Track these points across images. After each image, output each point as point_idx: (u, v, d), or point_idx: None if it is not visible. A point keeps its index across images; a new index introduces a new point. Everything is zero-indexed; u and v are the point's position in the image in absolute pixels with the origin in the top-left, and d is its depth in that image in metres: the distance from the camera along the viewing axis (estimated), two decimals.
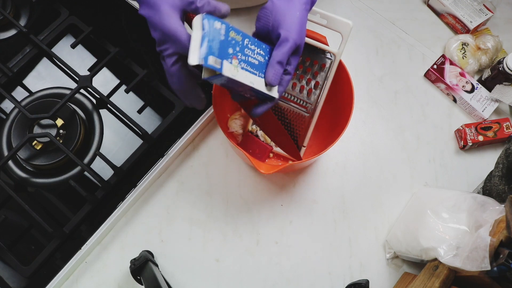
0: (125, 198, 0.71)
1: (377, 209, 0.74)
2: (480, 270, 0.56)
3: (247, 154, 0.63)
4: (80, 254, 0.68)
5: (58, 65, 0.80)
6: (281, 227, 0.73)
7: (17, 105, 0.72)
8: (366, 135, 0.79)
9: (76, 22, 0.82)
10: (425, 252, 0.63)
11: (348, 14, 0.86)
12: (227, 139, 0.66)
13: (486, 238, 0.57)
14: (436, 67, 0.81)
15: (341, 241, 0.72)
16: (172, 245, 0.71)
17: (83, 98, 0.77)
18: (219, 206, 0.73)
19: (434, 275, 0.61)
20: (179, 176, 0.75)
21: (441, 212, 0.64)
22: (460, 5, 0.85)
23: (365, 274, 0.70)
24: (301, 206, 0.74)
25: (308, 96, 0.69)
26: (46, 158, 0.72)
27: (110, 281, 0.69)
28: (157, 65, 0.79)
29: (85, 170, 0.70)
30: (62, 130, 0.73)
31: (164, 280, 0.63)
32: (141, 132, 0.73)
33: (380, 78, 0.83)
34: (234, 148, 0.70)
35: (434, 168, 0.77)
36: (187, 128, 0.74)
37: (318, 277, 0.70)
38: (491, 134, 0.76)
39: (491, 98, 0.79)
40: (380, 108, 0.80)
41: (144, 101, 0.78)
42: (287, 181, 0.75)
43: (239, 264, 0.71)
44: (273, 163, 0.75)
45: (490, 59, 0.83)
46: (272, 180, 0.75)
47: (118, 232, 0.72)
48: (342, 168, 0.76)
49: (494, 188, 0.66)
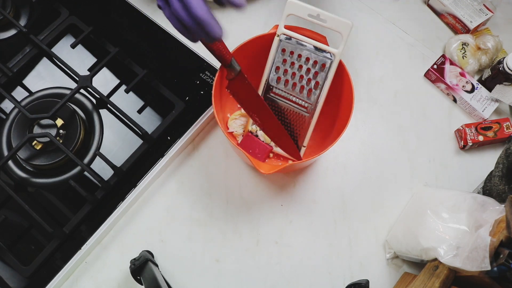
0: (125, 198, 0.71)
1: (377, 209, 0.74)
2: (480, 270, 0.56)
3: (247, 154, 0.63)
4: (80, 254, 0.68)
5: (58, 65, 0.80)
6: (281, 227, 0.73)
7: (17, 105, 0.72)
8: (366, 135, 0.79)
9: (76, 22, 0.82)
10: (425, 252, 0.63)
11: (348, 14, 0.86)
12: (227, 139, 0.66)
13: (486, 238, 0.57)
14: (436, 67, 0.81)
15: (341, 241, 0.72)
16: (172, 245, 0.71)
17: (83, 98, 0.77)
18: (219, 206, 0.73)
19: (434, 275, 0.61)
20: (179, 176, 0.75)
21: (441, 212, 0.64)
22: (460, 5, 0.85)
23: (365, 274, 0.70)
24: (301, 206, 0.74)
25: (308, 96, 0.69)
26: (46, 158, 0.72)
27: (110, 281, 0.69)
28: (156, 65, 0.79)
29: (85, 170, 0.70)
30: (62, 130, 0.73)
31: (164, 280, 0.63)
32: (141, 132, 0.73)
33: (380, 78, 0.83)
34: (234, 148, 0.70)
35: (434, 168, 0.77)
36: (187, 128, 0.75)
37: (318, 277, 0.70)
38: (491, 134, 0.76)
39: (491, 98, 0.79)
40: (380, 108, 0.80)
41: (144, 101, 0.78)
42: (287, 181, 0.75)
43: (239, 264, 0.71)
44: (273, 163, 0.75)
45: (490, 59, 0.83)
46: (272, 180, 0.75)
47: (118, 232, 0.72)
48: (342, 168, 0.76)
49: (494, 188, 0.66)
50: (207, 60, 0.79)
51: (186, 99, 0.77)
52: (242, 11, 0.51)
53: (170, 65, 0.80)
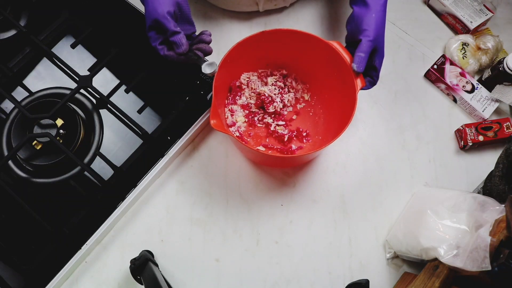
0: (125, 198, 0.71)
1: (377, 209, 0.74)
2: (481, 270, 0.56)
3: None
4: (80, 254, 0.68)
5: (58, 65, 0.80)
6: (281, 227, 0.73)
7: (17, 105, 0.72)
8: (366, 135, 0.78)
9: (76, 22, 0.82)
10: (425, 252, 0.63)
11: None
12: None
13: (486, 238, 0.57)
14: (436, 67, 0.81)
15: (341, 241, 0.72)
16: (172, 245, 0.71)
17: (83, 98, 0.77)
18: (219, 206, 0.73)
19: (434, 275, 0.61)
20: (179, 176, 0.75)
21: (441, 212, 0.64)
22: (461, 5, 0.85)
23: (365, 274, 0.70)
24: (301, 206, 0.74)
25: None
26: (46, 158, 0.72)
27: (110, 281, 0.69)
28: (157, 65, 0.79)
29: (85, 170, 0.70)
30: (62, 130, 0.73)
31: (164, 280, 0.63)
32: (141, 132, 0.73)
33: (380, 78, 0.82)
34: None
35: (434, 168, 0.77)
36: (187, 128, 0.74)
37: (318, 277, 0.70)
38: (492, 134, 0.76)
39: (492, 98, 0.79)
40: (380, 108, 0.80)
41: (144, 101, 0.78)
42: (287, 181, 0.75)
43: (239, 264, 0.71)
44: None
45: (491, 59, 0.83)
46: (272, 180, 0.75)
47: (118, 232, 0.72)
48: (342, 168, 0.76)
49: (494, 188, 0.66)
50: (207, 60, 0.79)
51: (186, 99, 0.77)
52: None
53: (170, 65, 0.80)
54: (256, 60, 0.75)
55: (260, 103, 0.76)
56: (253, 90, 0.76)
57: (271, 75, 0.77)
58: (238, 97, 0.76)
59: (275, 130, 0.75)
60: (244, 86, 0.76)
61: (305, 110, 0.78)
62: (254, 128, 0.76)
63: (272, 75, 0.77)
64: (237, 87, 0.76)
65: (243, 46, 0.69)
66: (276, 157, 0.73)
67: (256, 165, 0.76)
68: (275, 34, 0.70)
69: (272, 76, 0.77)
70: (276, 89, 0.76)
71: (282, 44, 0.72)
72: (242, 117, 0.76)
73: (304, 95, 0.78)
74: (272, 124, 0.75)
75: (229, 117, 0.75)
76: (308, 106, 0.78)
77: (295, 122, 0.77)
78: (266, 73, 0.77)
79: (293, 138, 0.75)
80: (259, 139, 0.76)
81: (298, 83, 0.78)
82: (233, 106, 0.76)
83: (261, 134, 0.76)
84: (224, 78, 0.71)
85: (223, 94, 0.75)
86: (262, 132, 0.76)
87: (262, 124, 0.76)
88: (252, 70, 0.76)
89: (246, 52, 0.70)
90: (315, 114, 0.77)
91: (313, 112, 0.77)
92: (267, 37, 0.70)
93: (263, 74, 0.77)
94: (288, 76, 0.78)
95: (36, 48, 0.80)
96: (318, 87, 0.77)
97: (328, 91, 0.75)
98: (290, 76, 0.78)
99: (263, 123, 0.76)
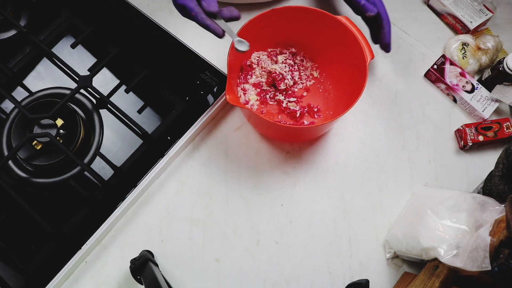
0: (125, 198, 0.71)
1: (377, 209, 0.74)
2: (481, 270, 0.56)
3: None
4: (80, 254, 0.68)
5: (58, 65, 0.80)
6: (281, 227, 0.73)
7: (17, 105, 0.72)
8: (366, 135, 0.79)
9: (76, 22, 0.82)
10: (425, 251, 0.63)
11: (348, 14, 0.86)
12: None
13: (486, 238, 0.57)
14: (436, 67, 0.81)
15: (341, 241, 0.72)
16: (172, 245, 0.71)
17: (83, 98, 0.77)
18: (219, 206, 0.73)
19: (434, 275, 0.61)
20: (179, 176, 0.75)
21: (441, 212, 0.64)
22: (461, 5, 0.85)
23: (365, 274, 0.70)
24: (301, 206, 0.74)
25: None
26: (46, 158, 0.72)
27: (110, 281, 0.69)
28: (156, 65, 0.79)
29: (85, 170, 0.70)
30: (62, 130, 0.73)
31: (164, 280, 0.63)
32: (141, 132, 0.73)
33: (380, 78, 0.83)
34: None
35: (434, 168, 0.77)
36: (187, 128, 0.75)
37: (318, 277, 0.70)
38: (492, 134, 0.76)
39: (492, 98, 0.79)
40: (380, 108, 0.80)
41: (144, 101, 0.78)
42: (287, 181, 0.75)
43: (239, 264, 0.71)
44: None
45: (491, 59, 0.83)
46: (272, 180, 0.75)
47: (118, 232, 0.72)
48: (342, 168, 0.76)
49: (494, 188, 0.66)
50: (207, 60, 0.79)
51: (186, 99, 0.77)
52: None
53: (170, 65, 0.80)
54: (266, 39, 0.77)
55: (271, 81, 0.77)
56: (264, 69, 0.77)
57: (280, 54, 0.79)
58: (250, 76, 0.78)
59: (287, 106, 0.77)
60: (254, 65, 0.78)
61: (315, 87, 0.80)
62: (266, 106, 0.78)
63: (282, 54, 0.79)
64: (248, 66, 0.78)
65: (254, 24, 0.70)
66: (295, 128, 0.73)
67: (256, 165, 0.76)
68: (284, 12, 0.72)
69: (282, 55, 0.79)
70: (286, 66, 0.77)
71: (291, 22, 0.74)
72: (255, 95, 0.77)
73: (313, 73, 0.80)
74: (284, 101, 0.77)
75: (241, 96, 0.77)
76: (317, 83, 0.80)
77: (305, 98, 0.79)
78: (275, 52, 0.79)
79: (304, 113, 0.77)
80: (272, 116, 0.77)
81: (307, 60, 0.80)
82: (245, 85, 0.77)
83: (273, 111, 0.78)
84: (236, 57, 0.72)
85: (235, 73, 0.76)
86: (274, 109, 0.78)
87: (273, 101, 0.78)
88: (262, 50, 0.78)
89: (256, 31, 0.72)
90: (325, 90, 0.79)
91: (323, 89, 0.79)
92: (277, 14, 0.71)
93: (272, 53, 0.79)
94: (297, 54, 0.80)
95: (36, 48, 0.80)
96: (327, 63, 0.79)
97: (337, 67, 0.77)
98: (299, 54, 0.80)
99: (275, 100, 0.78)
